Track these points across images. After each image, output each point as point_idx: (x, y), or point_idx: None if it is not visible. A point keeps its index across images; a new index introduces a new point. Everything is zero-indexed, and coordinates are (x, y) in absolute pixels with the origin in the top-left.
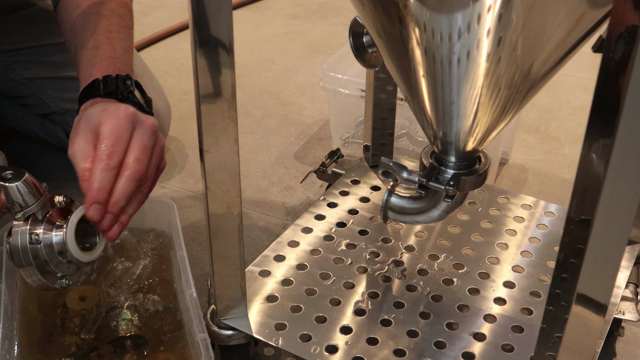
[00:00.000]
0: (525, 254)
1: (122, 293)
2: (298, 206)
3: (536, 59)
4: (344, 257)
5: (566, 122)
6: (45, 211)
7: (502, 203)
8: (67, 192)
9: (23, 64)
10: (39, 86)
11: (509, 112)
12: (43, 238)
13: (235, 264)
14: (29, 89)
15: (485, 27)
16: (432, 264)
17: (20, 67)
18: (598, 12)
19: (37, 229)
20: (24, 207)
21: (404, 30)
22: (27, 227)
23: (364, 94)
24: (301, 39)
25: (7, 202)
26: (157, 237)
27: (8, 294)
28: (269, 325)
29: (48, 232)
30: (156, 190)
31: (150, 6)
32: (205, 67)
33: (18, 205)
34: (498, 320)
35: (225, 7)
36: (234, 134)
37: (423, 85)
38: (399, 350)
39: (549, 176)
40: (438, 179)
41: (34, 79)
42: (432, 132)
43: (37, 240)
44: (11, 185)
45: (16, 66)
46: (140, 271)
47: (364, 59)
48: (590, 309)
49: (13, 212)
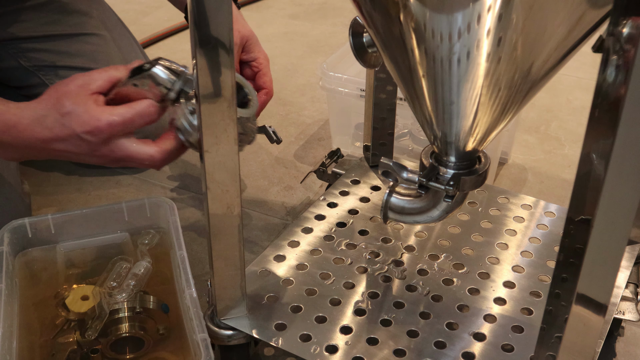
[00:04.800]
0: (525, 254)
1: (122, 293)
2: (298, 206)
3: (536, 59)
4: (344, 257)
5: (566, 122)
6: (190, 84)
7: (502, 203)
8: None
9: (34, 51)
10: (47, 74)
11: (509, 112)
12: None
13: (235, 264)
14: (36, 78)
15: (485, 27)
16: (432, 264)
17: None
18: (598, 12)
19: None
20: (170, 87)
21: (404, 30)
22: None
23: (363, 93)
24: (301, 39)
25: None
26: (157, 237)
27: (8, 293)
28: (269, 325)
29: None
30: (156, 190)
31: (150, 6)
32: (205, 67)
33: (164, 87)
34: (498, 320)
35: (225, 7)
36: (234, 134)
37: (423, 85)
38: (399, 350)
39: (549, 176)
40: (438, 179)
41: (43, 66)
42: (432, 132)
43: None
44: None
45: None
46: (140, 271)
47: (364, 59)
48: (590, 309)
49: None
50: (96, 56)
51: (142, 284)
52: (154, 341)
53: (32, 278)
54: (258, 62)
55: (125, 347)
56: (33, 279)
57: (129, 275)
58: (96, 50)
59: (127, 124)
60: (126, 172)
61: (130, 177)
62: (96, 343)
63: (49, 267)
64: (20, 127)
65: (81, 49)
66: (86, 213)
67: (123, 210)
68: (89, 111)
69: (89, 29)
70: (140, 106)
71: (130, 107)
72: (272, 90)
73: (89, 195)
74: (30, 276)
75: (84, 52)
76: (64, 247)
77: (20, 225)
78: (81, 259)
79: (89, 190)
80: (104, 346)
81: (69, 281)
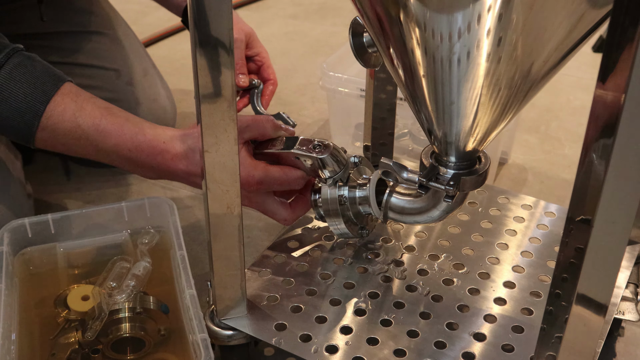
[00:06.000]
0: (526, 254)
1: (122, 294)
2: None
3: (536, 59)
4: (344, 257)
5: (566, 122)
6: (347, 174)
7: (502, 203)
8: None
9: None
10: None
11: (509, 112)
12: (349, 197)
13: (235, 264)
14: None
15: (486, 27)
16: (432, 264)
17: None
18: (598, 12)
19: (343, 190)
20: (332, 175)
21: (404, 30)
22: (335, 190)
23: (363, 93)
24: (301, 39)
25: (318, 170)
26: (157, 237)
27: (8, 293)
28: (269, 325)
29: (352, 189)
30: (156, 190)
31: (150, 6)
32: (205, 67)
33: (326, 174)
34: (498, 320)
35: (225, 7)
36: (234, 134)
37: (423, 85)
38: (399, 350)
39: (549, 176)
40: (438, 179)
41: None
42: (432, 132)
43: (343, 201)
44: (323, 157)
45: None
46: (140, 271)
47: (364, 58)
48: (591, 309)
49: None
50: (100, 54)
51: (142, 284)
52: (155, 342)
53: (32, 278)
54: (261, 56)
55: (126, 348)
56: (33, 279)
57: (128, 276)
58: (100, 48)
59: (275, 185)
60: (126, 172)
61: (130, 177)
62: (97, 343)
63: (49, 267)
64: (168, 156)
65: (86, 47)
66: (86, 213)
67: (123, 210)
68: (243, 162)
69: (94, 27)
70: (294, 175)
71: (283, 172)
72: (276, 81)
73: (89, 195)
74: (30, 276)
75: (88, 49)
76: (64, 247)
77: (20, 225)
78: (81, 259)
79: (89, 190)
80: (105, 346)
81: (69, 281)
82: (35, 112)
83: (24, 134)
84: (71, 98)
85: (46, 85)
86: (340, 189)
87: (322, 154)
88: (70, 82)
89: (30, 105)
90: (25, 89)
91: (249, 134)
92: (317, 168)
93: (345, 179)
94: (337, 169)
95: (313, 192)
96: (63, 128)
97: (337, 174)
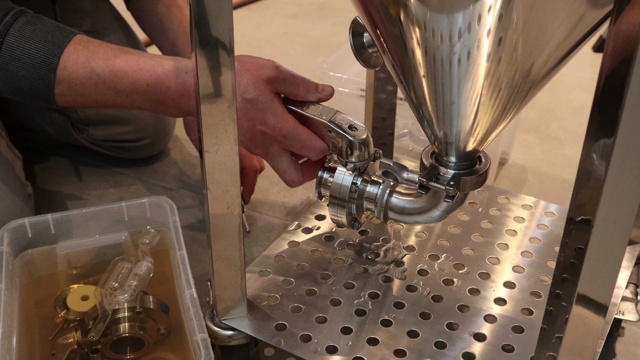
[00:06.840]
0: (526, 254)
1: (124, 294)
2: (298, 206)
3: (536, 59)
4: (344, 257)
5: (566, 122)
6: (366, 166)
7: (503, 203)
8: (63, 191)
9: None
10: None
11: (509, 112)
12: (359, 189)
13: (235, 264)
14: None
15: (486, 27)
16: (433, 264)
17: None
18: (598, 13)
19: (357, 179)
20: (356, 160)
21: (404, 30)
22: (351, 177)
23: (363, 93)
24: (301, 39)
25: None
26: (158, 237)
27: (8, 294)
28: (269, 325)
29: (365, 183)
30: (156, 190)
31: None
32: (205, 67)
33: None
34: (498, 320)
35: (225, 7)
36: (234, 134)
37: (423, 85)
38: (399, 350)
39: (549, 176)
40: (438, 179)
41: None
42: (433, 132)
43: (354, 189)
44: (356, 140)
45: None
46: (142, 271)
47: (364, 58)
48: (591, 309)
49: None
50: None
51: (144, 284)
52: (154, 341)
53: (32, 278)
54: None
55: (126, 347)
56: (33, 279)
57: (130, 276)
58: None
59: (297, 146)
60: (126, 172)
61: (130, 177)
62: (96, 343)
63: (49, 267)
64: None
65: None
66: (86, 213)
67: (123, 210)
68: (275, 111)
69: (97, 26)
70: (316, 145)
71: (309, 137)
72: None
73: (89, 195)
74: (30, 276)
75: None
76: (64, 247)
77: (20, 225)
78: (81, 259)
79: (89, 190)
80: (104, 346)
81: (69, 281)
82: (50, 66)
83: (42, 91)
84: (83, 45)
85: (57, 38)
86: (355, 177)
87: (356, 137)
88: (81, 34)
89: (43, 60)
90: (37, 44)
91: (283, 88)
92: (342, 148)
93: (363, 169)
94: (363, 157)
95: (323, 169)
96: (78, 76)
97: (361, 162)
